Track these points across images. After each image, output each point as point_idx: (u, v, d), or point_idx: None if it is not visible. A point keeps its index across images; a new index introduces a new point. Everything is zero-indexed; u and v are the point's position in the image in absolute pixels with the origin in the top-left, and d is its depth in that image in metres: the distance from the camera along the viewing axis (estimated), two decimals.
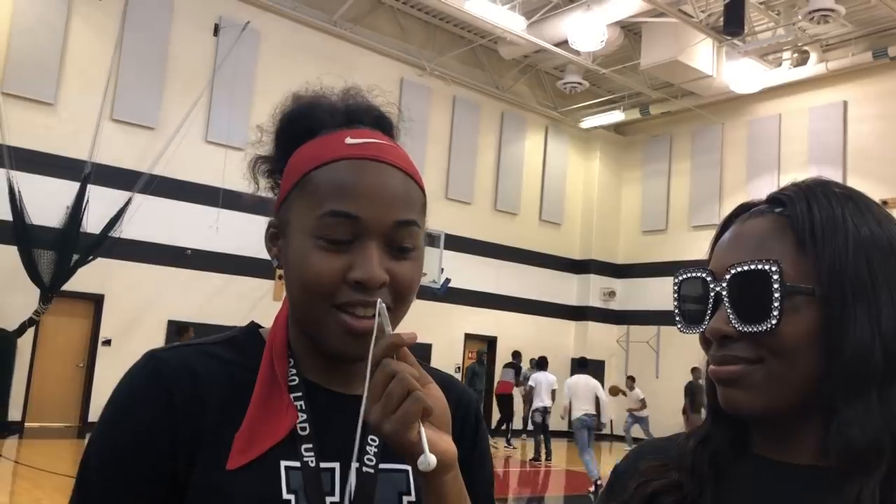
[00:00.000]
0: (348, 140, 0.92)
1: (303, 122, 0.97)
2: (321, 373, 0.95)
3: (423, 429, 0.78)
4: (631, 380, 17.11)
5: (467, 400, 1.07)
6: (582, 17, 15.49)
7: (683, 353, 17.29)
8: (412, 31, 18.14)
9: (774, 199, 0.83)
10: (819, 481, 0.76)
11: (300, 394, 0.93)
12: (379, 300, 0.85)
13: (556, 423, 14.79)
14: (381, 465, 0.93)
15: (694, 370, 16.66)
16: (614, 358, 20.96)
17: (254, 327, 1.01)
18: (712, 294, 0.81)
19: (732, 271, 0.79)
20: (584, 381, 11.65)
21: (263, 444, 0.88)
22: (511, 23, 16.22)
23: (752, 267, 0.77)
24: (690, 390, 16.14)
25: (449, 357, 17.77)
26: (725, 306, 0.79)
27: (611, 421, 20.27)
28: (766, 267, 0.77)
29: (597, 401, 11.42)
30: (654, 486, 0.85)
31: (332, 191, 0.88)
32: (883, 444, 0.72)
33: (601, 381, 20.54)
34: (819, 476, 0.76)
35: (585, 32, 15.50)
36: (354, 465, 0.91)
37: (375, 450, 0.93)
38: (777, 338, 0.76)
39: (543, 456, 14.40)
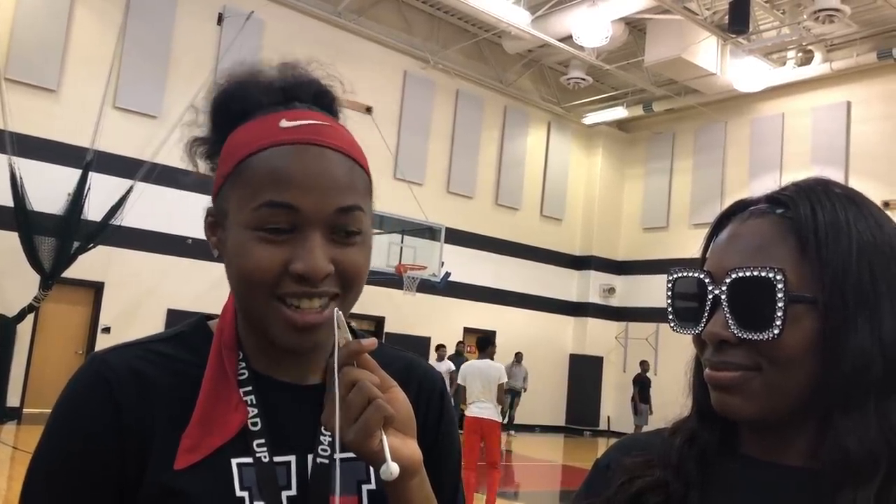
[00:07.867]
0: (283, 123, 0.87)
1: (236, 104, 0.92)
2: (272, 364, 0.92)
3: (384, 437, 0.76)
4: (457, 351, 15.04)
5: (431, 380, 1.02)
6: (587, 13, 15.46)
7: (682, 350, 17.13)
8: (416, 23, 18.09)
9: (774, 199, 0.81)
10: (809, 484, 0.74)
11: (250, 388, 0.90)
12: (336, 309, 0.83)
13: (552, 419, 14.71)
14: (340, 455, 0.90)
15: (642, 363, 16.72)
16: (613, 354, 20.96)
17: (202, 320, 0.98)
18: (710, 297, 0.78)
19: (733, 275, 0.76)
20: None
21: (213, 443, 0.85)
22: (515, 17, 16.17)
23: (756, 273, 0.75)
24: (640, 382, 16.23)
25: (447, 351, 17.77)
26: (724, 311, 0.77)
27: (608, 417, 20.35)
28: (771, 275, 0.74)
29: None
30: (639, 485, 0.83)
31: (268, 180, 0.84)
32: (879, 454, 0.71)
33: (600, 377, 20.67)
34: (809, 479, 0.75)
35: (590, 28, 15.49)
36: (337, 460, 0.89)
37: (330, 439, 0.89)
38: (778, 347, 0.74)
39: None
